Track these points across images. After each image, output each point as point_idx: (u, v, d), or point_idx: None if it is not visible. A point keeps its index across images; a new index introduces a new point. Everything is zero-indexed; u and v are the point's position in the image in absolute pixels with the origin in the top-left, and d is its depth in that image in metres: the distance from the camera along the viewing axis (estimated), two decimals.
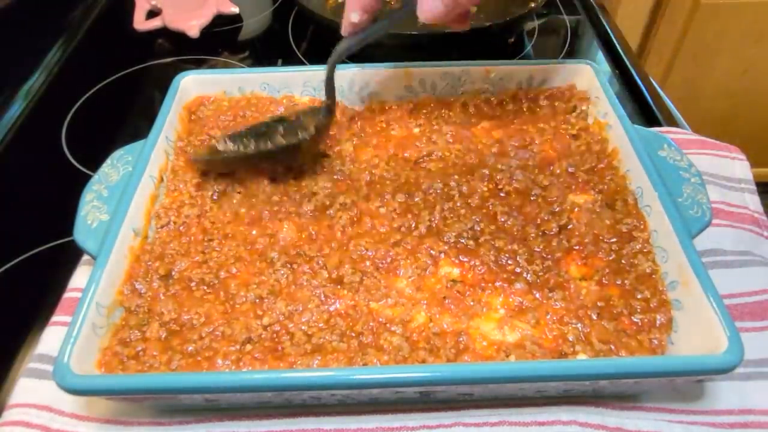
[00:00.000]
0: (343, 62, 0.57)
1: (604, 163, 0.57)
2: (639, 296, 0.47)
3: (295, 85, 0.65)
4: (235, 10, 0.97)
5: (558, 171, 0.57)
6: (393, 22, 0.52)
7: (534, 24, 0.95)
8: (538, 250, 0.51)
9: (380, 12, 0.52)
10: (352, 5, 0.51)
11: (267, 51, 0.94)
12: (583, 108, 0.62)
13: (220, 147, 0.56)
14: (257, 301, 0.48)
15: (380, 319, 0.47)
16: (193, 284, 0.49)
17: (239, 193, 0.56)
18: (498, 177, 0.56)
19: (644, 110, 0.77)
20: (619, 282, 0.48)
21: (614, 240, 0.51)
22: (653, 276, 0.48)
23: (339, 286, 0.48)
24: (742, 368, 0.43)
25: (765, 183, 0.92)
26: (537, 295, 0.48)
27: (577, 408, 0.45)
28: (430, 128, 0.62)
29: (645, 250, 0.49)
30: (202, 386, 0.40)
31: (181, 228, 0.53)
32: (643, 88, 0.79)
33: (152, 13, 0.97)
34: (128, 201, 0.50)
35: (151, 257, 0.50)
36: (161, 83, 0.66)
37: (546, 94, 0.64)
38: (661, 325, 0.45)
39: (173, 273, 0.50)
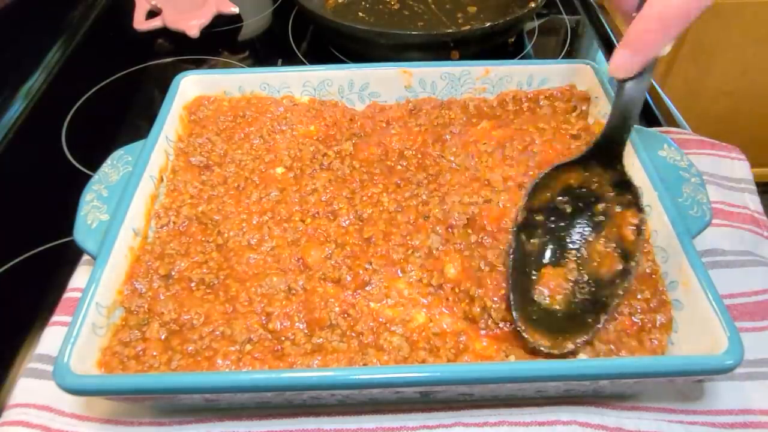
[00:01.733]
0: (343, 62, 0.57)
1: None
2: (639, 296, 0.47)
3: (295, 85, 0.65)
4: (235, 10, 0.97)
5: None
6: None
7: (534, 24, 0.95)
8: None
9: None
10: (668, 35, 0.41)
11: (267, 51, 0.94)
12: (583, 108, 0.62)
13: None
14: (258, 299, 0.48)
15: (380, 319, 0.47)
16: (193, 284, 0.49)
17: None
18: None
19: (644, 110, 0.77)
20: None
21: None
22: (653, 276, 0.48)
23: (337, 285, 0.49)
24: (742, 368, 0.43)
25: (765, 183, 0.92)
26: None
27: (577, 408, 0.45)
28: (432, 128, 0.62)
29: (645, 250, 0.49)
30: (202, 386, 0.39)
31: (181, 228, 0.53)
32: None
33: (152, 13, 0.97)
34: (128, 201, 0.51)
35: (151, 257, 0.50)
36: (161, 83, 0.66)
37: (546, 94, 0.64)
38: (661, 325, 0.45)
39: (173, 273, 0.50)
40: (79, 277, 0.54)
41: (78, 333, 0.42)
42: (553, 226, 0.48)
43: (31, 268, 0.59)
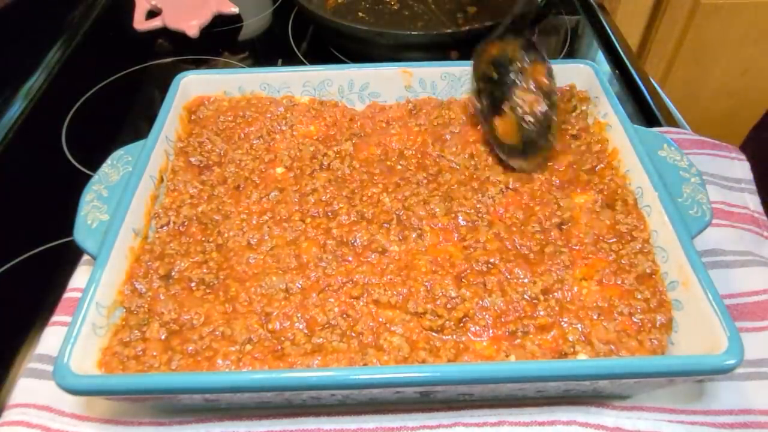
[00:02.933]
0: (343, 62, 0.57)
1: (604, 163, 0.57)
2: (639, 296, 0.47)
3: (295, 85, 0.65)
4: (235, 10, 0.97)
5: (558, 171, 0.57)
6: None
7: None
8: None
9: None
10: None
11: (267, 51, 0.94)
12: (583, 108, 0.62)
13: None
14: (258, 299, 0.48)
15: (380, 319, 0.47)
16: (193, 284, 0.49)
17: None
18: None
19: (644, 110, 0.77)
20: (619, 282, 0.48)
21: (614, 240, 0.51)
22: (653, 276, 0.48)
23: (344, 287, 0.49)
24: (742, 368, 0.43)
25: None
26: None
27: (576, 408, 0.45)
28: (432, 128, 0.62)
29: (645, 250, 0.49)
30: (202, 386, 0.39)
31: (180, 228, 0.53)
32: (643, 88, 0.79)
33: (152, 13, 0.97)
34: (128, 201, 0.50)
35: (151, 257, 0.50)
36: (161, 83, 0.66)
37: None
38: (661, 325, 0.45)
39: (173, 273, 0.50)
40: (79, 277, 0.54)
41: (78, 333, 0.42)
42: (489, 89, 0.60)
43: (31, 268, 0.59)
